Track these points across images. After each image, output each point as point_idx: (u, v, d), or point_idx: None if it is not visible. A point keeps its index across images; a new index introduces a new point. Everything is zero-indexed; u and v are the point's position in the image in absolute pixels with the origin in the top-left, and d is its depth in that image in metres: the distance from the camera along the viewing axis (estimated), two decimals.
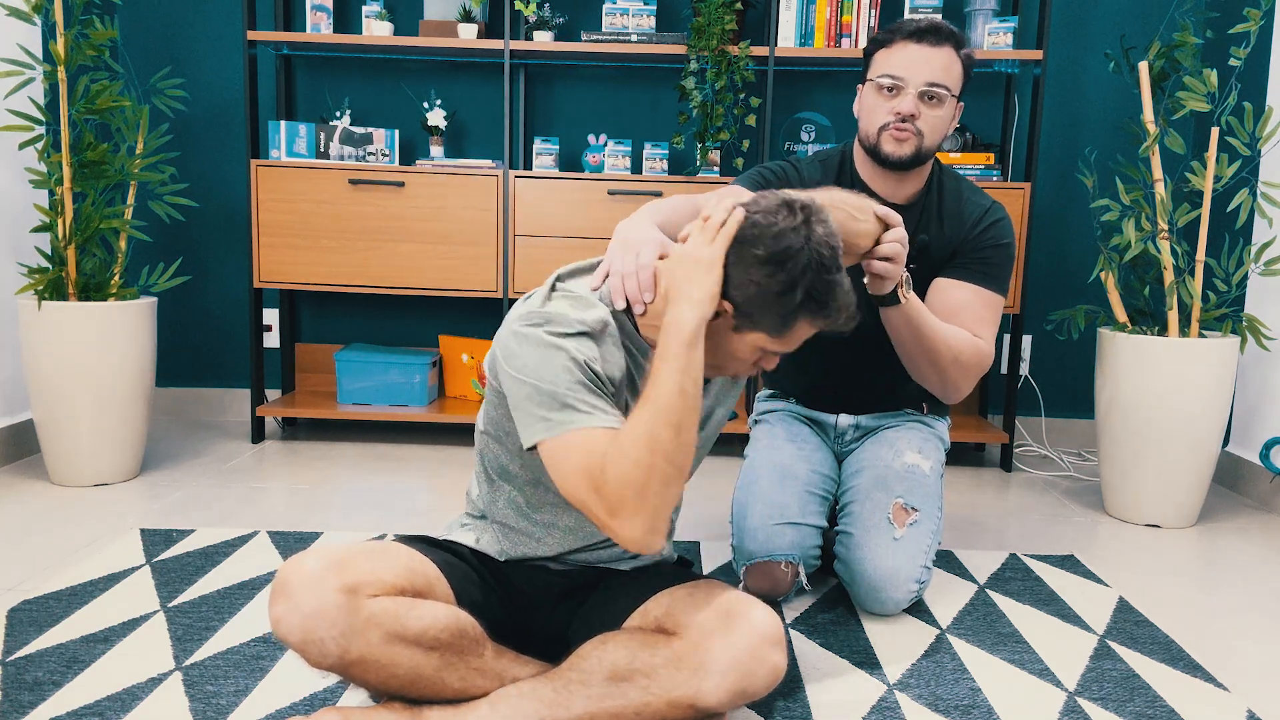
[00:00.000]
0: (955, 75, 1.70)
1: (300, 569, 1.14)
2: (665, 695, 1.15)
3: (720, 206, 1.17)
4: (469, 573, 1.34)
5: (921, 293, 1.75)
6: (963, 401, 3.08)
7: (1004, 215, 1.79)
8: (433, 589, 1.25)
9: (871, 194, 1.81)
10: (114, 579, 1.78)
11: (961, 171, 2.35)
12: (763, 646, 1.15)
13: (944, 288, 1.75)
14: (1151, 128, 2.36)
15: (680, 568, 1.44)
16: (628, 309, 1.23)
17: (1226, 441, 2.73)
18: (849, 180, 1.82)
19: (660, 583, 1.30)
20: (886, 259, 1.45)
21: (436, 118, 2.88)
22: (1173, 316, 2.32)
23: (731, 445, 3.02)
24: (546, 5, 2.77)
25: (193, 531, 2.05)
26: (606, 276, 1.25)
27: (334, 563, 1.15)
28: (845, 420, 1.95)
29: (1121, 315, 2.43)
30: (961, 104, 1.77)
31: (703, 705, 1.15)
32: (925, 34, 1.66)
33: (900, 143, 1.69)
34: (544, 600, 1.39)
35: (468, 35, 2.76)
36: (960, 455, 2.98)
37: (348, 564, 1.16)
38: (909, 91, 1.67)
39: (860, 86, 1.77)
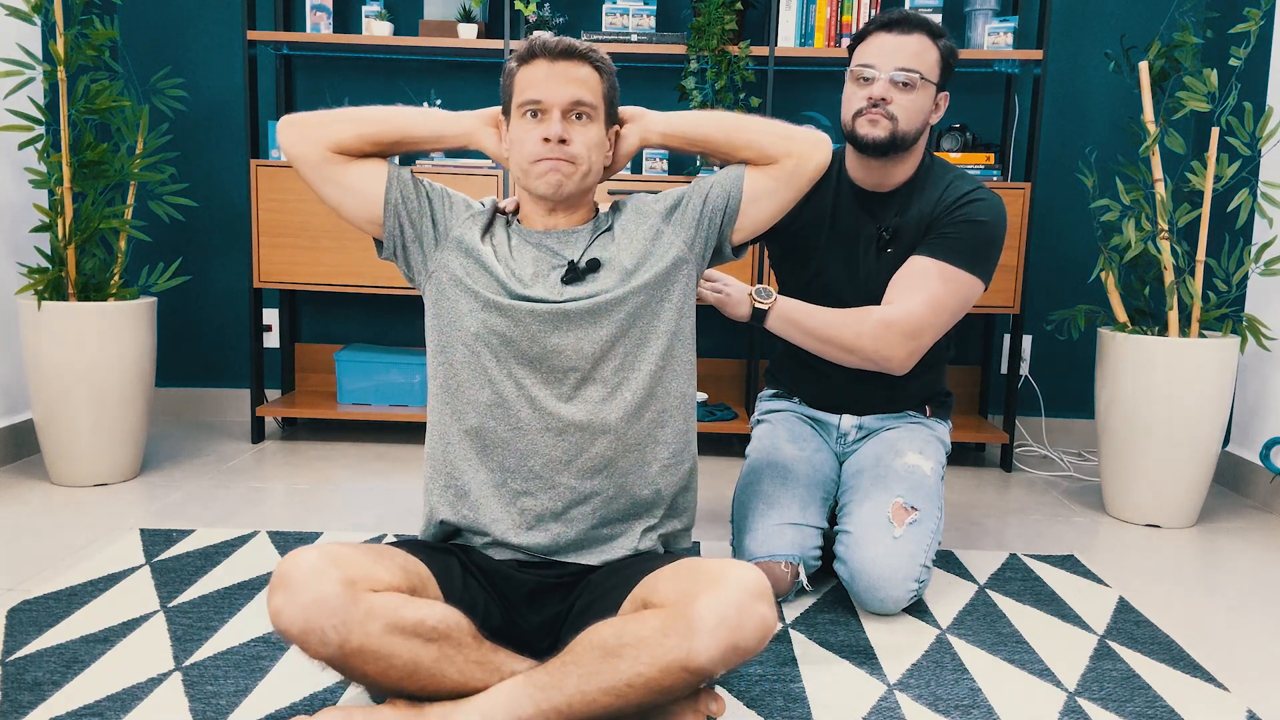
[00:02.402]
0: (929, 62, 1.72)
1: (300, 561, 1.16)
2: (656, 662, 1.14)
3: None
4: (461, 575, 1.36)
5: None
6: (963, 401, 3.08)
7: (986, 197, 1.77)
8: (426, 589, 1.28)
9: (857, 186, 1.84)
10: (114, 579, 1.78)
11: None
12: (749, 601, 1.15)
13: (904, 263, 1.77)
14: (1151, 128, 2.36)
15: (667, 556, 1.44)
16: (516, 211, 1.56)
17: (1226, 441, 2.73)
18: (838, 178, 1.85)
19: (643, 571, 1.30)
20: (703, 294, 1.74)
21: None
22: (1173, 316, 2.32)
23: (731, 445, 3.02)
24: (546, 5, 2.77)
25: (193, 531, 2.05)
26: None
27: (333, 557, 1.18)
28: (848, 421, 1.95)
29: (1121, 315, 2.43)
30: (946, 94, 1.78)
31: (694, 666, 1.14)
32: (895, 23, 1.72)
33: (873, 124, 1.72)
34: (517, 598, 1.40)
35: (468, 35, 2.76)
36: (960, 455, 2.98)
37: (345, 559, 1.19)
38: (880, 78, 1.71)
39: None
